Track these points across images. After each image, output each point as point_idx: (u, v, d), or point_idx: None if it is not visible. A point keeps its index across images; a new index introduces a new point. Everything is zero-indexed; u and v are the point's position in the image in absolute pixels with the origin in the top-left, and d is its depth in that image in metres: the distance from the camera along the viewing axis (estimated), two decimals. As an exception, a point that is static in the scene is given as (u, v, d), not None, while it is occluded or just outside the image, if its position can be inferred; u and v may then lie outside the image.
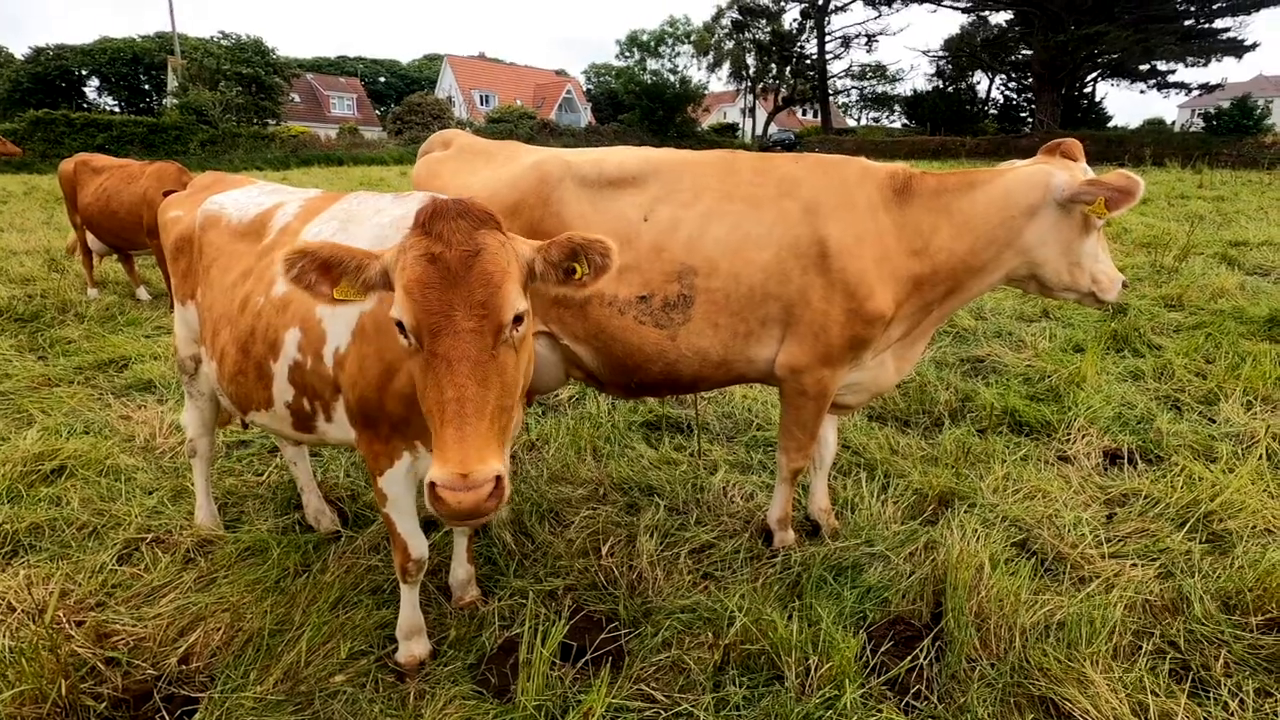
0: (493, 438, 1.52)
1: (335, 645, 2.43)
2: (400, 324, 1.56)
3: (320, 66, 73.18)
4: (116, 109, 55.67)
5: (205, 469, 3.15)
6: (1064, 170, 2.56)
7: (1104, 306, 2.76)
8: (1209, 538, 3.11)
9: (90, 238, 7.23)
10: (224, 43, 41.88)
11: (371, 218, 2.22)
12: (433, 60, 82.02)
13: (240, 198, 2.69)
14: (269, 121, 41.55)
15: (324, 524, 3.19)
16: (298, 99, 57.29)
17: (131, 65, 56.05)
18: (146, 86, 58.37)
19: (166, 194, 3.29)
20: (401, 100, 50.75)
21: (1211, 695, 2.26)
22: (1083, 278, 2.62)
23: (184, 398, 3.13)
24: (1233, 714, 2.18)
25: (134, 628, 2.50)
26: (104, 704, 2.18)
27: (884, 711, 2.18)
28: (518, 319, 1.60)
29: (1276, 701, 2.22)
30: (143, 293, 7.38)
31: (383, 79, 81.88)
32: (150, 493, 3.44)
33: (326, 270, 1.62)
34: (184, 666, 2.37)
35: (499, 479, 1.48)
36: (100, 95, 58.01)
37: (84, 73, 55.49)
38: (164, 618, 2.56)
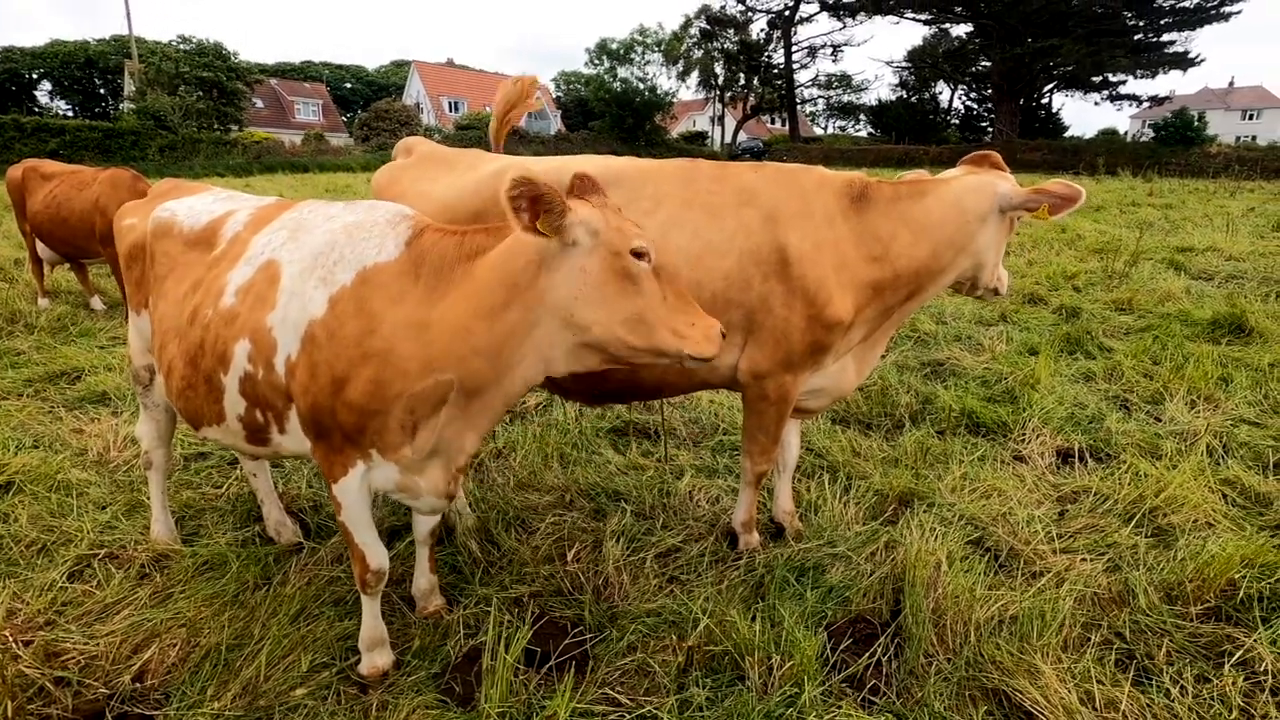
0: None
1: (296, 658, 2.39)
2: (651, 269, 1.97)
3: (285, 72, 71.80)
4: (70, 113, 53.98)
5: (161, 481, 3.08)
6: (1005, 180, 2.75)
7: (997, 299, 3.08)
8: (1154, 532, 3.24)
9: (40, 246, 7.01)
10: (183, 47, 40.96)
11: (322, 225, 2.21)
12: (400, 66, 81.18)
13: (194, 205, 2.64)
14: (231, 127, 40.69)
15: (285, 536, 3.14)
16: (261, 104, 56.23)
17: (85, 68, 54.48)
18: (102, 91, 56.75)
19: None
20: (368, 106, 50.09)
21: (1154, 683, 2.35)
22: (998, 276, 2.91)
23: (139, 409, 3.06)
24: (1173, 700, 2.27)
25: (85, 646, 2.44)
26: (53, 725, 2.12)
27: (843, 708, 2.22)
28: None
29: (1214, 687, 2.32)
30: (97, 302, 7.17)
31: (349, 85, 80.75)
32: (103, 507, 3.35)
33: (535, 202, 1.80)
34: (138, 684, 2.31)
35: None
36: (52, 99, 56.27)
37: (35, 76, 53.76)
38: (117, 635, 2.49)
